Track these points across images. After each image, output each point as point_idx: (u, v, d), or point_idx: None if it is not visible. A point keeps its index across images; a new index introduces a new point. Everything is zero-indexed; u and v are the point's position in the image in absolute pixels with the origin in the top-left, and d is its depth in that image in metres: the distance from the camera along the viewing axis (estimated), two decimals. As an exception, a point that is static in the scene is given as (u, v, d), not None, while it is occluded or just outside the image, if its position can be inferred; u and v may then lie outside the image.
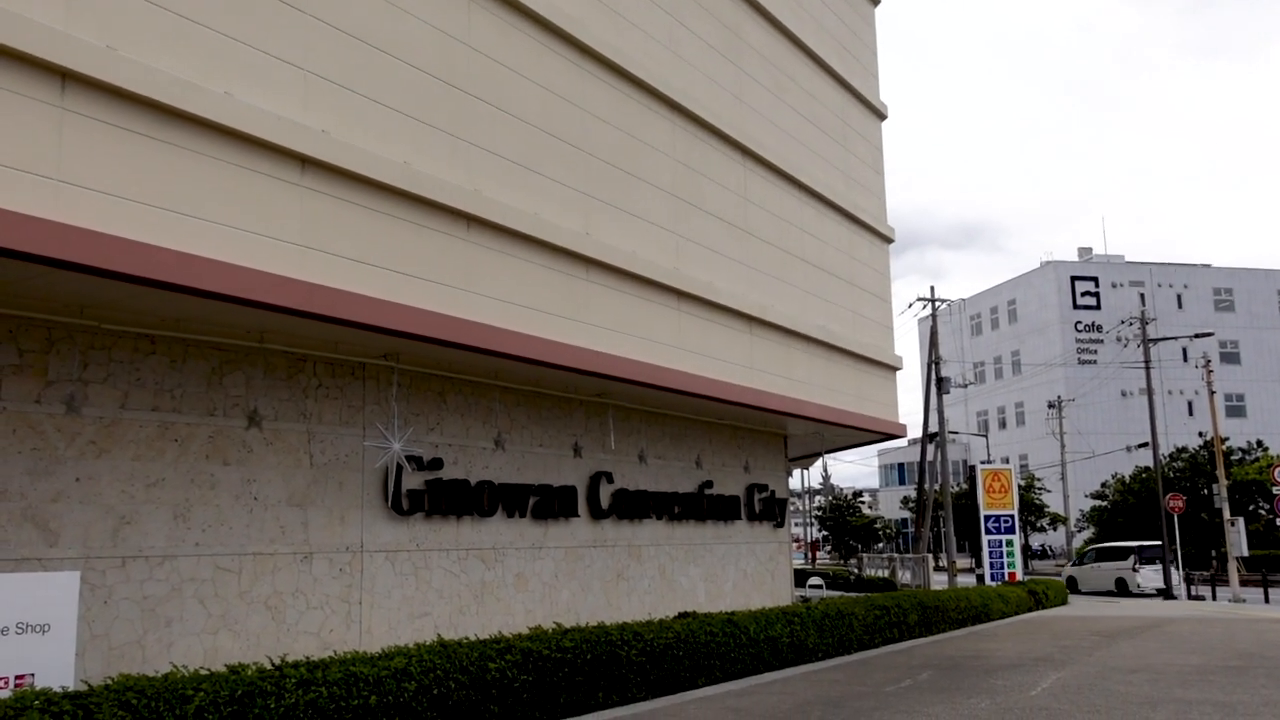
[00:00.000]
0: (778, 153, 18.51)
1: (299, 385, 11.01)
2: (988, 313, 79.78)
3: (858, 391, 20.96)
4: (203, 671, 7.57)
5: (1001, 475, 29.77)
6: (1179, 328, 62.90)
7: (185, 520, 9.76)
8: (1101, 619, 22.08)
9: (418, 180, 10.71)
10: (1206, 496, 43.91)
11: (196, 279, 8.36)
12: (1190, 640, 17.17)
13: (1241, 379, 71.09)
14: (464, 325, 11.05)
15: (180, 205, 8.48)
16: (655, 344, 14.48)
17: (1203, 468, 48.08)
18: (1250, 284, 73.92)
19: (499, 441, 13.53)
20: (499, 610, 13.19)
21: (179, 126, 8.52)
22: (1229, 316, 72.40)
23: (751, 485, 19.54)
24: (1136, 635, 18.09)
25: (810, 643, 14.13)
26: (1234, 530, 32.53)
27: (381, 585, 11.63)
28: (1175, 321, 67.67)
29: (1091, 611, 24.77)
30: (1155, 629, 19.40)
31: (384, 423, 11.81)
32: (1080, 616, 22.84)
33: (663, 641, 11.33)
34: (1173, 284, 73.05)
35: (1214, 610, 25.65)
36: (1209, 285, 73.49)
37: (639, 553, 16.13)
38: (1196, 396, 67.11)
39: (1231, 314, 72.68)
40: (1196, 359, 52.56)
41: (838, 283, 20.64)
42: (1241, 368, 71.40)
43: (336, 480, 11.26)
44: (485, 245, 11.69)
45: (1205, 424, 53.85)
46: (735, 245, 16.98)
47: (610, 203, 13.93)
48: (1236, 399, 70.50)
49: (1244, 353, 71.95)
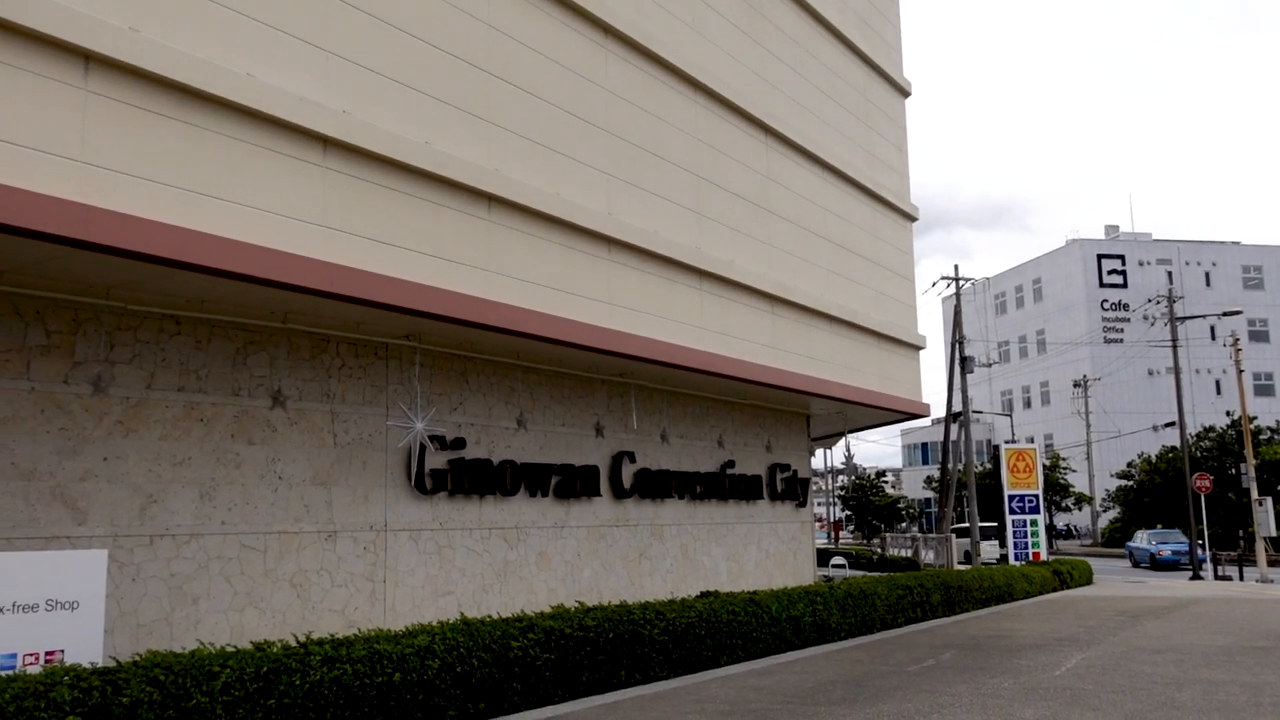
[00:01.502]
0: (800, 131, 18.38)
1: (322, 365, 11.06)
2: (1013, 291, 79.09)
3: (881, 371, 20.86)
4: (229, 648, 7.64)
5: (1026, 455, 29.59)
6: (1207, 306, 62.22)
7: (211, 499, 9.85)
8: (1127, 599, 21.96)
9: (439, 160, 10.70)
10: (1234, 476, 43.47)
11: (220, 260, 8.40)
12: (1217, 620, 17.05)
13: (1270, 357, 70.21)
14: (486, 305, 11.06)
15: (203, 186, 8.51)
16: (677, 323, 14.45)
17: (1230, 447, 47.63)
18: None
19: (521, 421, 13.56)
20: (521, 589, 13.25)
21: (201, 107, 8.55)
22: (1258, 294, 71.44)
23: (774, 465, 19.52)
24: (1162, 615, 17.98)
25: (833, 622, 14.12)
26: (1262, 510, 32.21)
27: (405, 564, 11.71)
28: (1203, 299, 66.88)
29: (1117, 592, 24.64)
30: (1181, 609, 19.28)
31: (407, 402, 11.86)
32: (1105, 596, 22.72)
33: (685, 620, 11.36)
34: (1200, 261, 72.13)
35: (1241, 590, 25.45)
36: (1238, 263, 72.50)
37: (661, 532, 16.16)
38: (1224, 375, 66.37)
39: (1261, 292, 71.71)
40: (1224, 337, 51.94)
41: (860, 261, 20.51)
42: (1271, 346, 70.49)
43: (360, 460, 11.32)
44: (507, 225, 11.68)
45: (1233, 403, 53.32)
46: (757, 224, 16.90)
47: (632, 182, 13.88)
48: (1265, 378, 69.67)
49: (1273, 331, 71.02)
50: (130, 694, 6.57)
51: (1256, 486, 33.71)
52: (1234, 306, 56.11)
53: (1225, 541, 43.40)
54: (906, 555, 34.54)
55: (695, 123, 15.47)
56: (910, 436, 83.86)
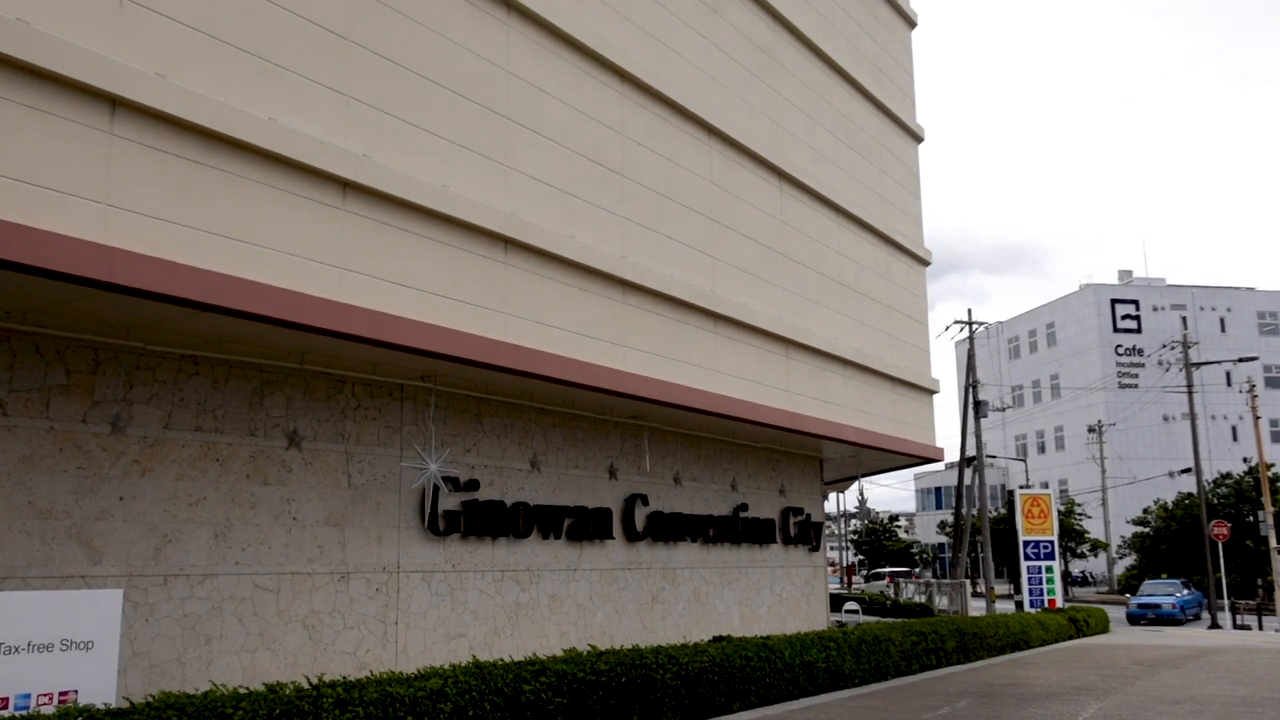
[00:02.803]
0: (813, 175, 18.51)
1: (338, 406, 11.11)
2: (1026, 336, 78.91)
3: (894, 414, 20.81)
4: (241, 690, 7.61)
5: (1041, 500, 29.38)
6: (1222, 352, 61.90)
7: (225, 539, 9.86)
8: (1144, 647, 21.68)
9: (456, 203, 10.80)
10: (1252, 523, 43.04)
11: (239, 301, 8.47)
12: (1236, 670, 16.80)
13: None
14: (501, 347, 11.11)
15: (224, 228, 8.61)
16: (691, 366, 14.47)
17: (1248, 494, 47.15)
18: (1295, 307, 72.61)
19: (535, 463, 13.56)
20: (533, 632, 13.18)
21: (224, 151, 8.67)
22: (1274, 340, 71.07)
23: (787, 508, 19.43)
24: (1180, 665, 17.74)
25: (846, 668, 13.98)
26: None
27: (417, 606, 11.66)
28: (1218, 345, 66.57)
29: (1134, 640, 24.33)
30: (1200, 659, 19.02)
31: (421, 443, 11.88)
32: (1122, 645, 22.44)
33: (697, 665, 11.27)
34: (1215, 307, 71.90)
35: (1260, 640, 25.09)
36: (1253, 308, 72.23)
37: (674, 575, 16.07)
38: (1241, 421, 65.91)
39: (1276, 338, 71.34)
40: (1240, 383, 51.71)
41: (874, 305, 20.54)
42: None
43: (374, 500, 11.33)
44: (522, 268, 11.75)
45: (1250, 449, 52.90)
46: (771, 268, 16.97)
47: (647, 226, 13.97)
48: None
49: (1289, 377, 70.61)
50: (142, 735, 6.55)
51: (1275, 534, 33.36)
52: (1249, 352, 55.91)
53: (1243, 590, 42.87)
54: (920, 601, 34.21)
55: (710, 167, 15.60)
56: (924, 480, 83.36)
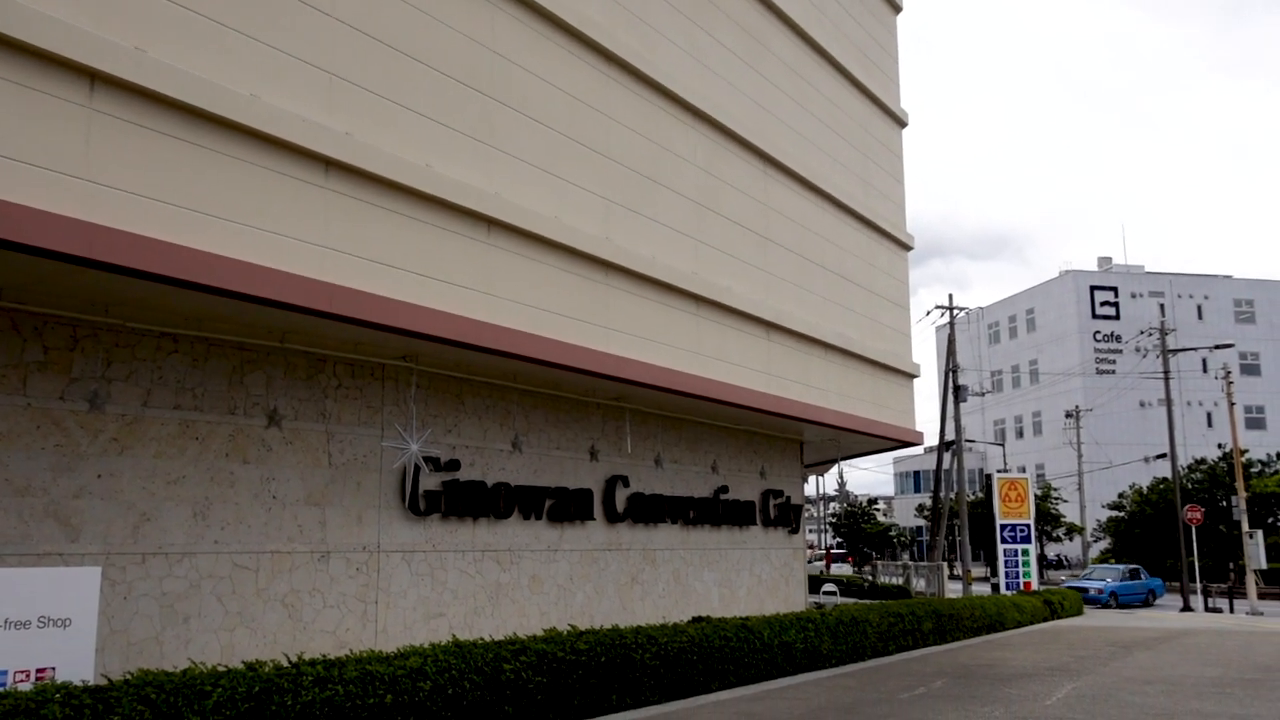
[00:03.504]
0: (798, 159, 18.50)
1: (319, 385, 11.07)
2: (1006, 321, 79.33)
3: (874, 398, 20.90)
4: (220, 668, 7.61)
5: (1018, 484, 29.62)
6: (1199, 339, 62.45)
7: (204, 518, 9.83)
8: (1118, 629, 21.93)
9: (439, 183, 10.75)
10: (1225, 509, 43.57)
11: (219, 278, 8.42)
12: (1207, 652, 17.03)
13: (1262, 391, 70.43)
14: (483, 327, 11.09)
15: (205, 206, 8.55)
16: (673, 348, 14.49)
17: (1222, 480, 47.70)
18: (1272, 295, 73.20)
19: (516, 443, 13.56)
20: (514, 612, 13.21)
21: (205, 128, 8.59)
22: (1250, 328, 71.73)
23: (767, 491, 19.51)
24: (1153, 646, 17.96)
25: (824, 649, 14.09)
26: (1252, 543, 32.26)
27: (397, 585, 11.67)
28: (1195, 332, 67.14)
29: (1107, 622, 24.60)
30: (1172, 640, 19.25)
31: (402, 423, 11.86)
32: (1096, 627, 22.68)
33: (677, 645, 11.33)
34: (1193, 295, 72.46)
35: (1231, 623, 25.43)
36: (1230, 296, 72.86)
37: (654, 557, 16.12)
38: (1216, 408, 66.52)
39: (1252, 325, 72.02)
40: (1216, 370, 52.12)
41: (856, 289, 20.59)
42: (1262, 379, 70.73)
43: (354, 480, 11.31)
44: (505, 248, 11.72)
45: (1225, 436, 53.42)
46: (754, 251, 16.98)
47: (631, 207, 13.94)
48: (1257, 411, 69.85)
49: (1265, 365, 71.29)
50: (121, 712, 6.54)
51: (1247, 519, 33.77)
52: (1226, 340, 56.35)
53: (1216, 574, 43.39)
54: (898, 583, 34.46)
55: (695, 150, 15.57)
56: (903, 464, 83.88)
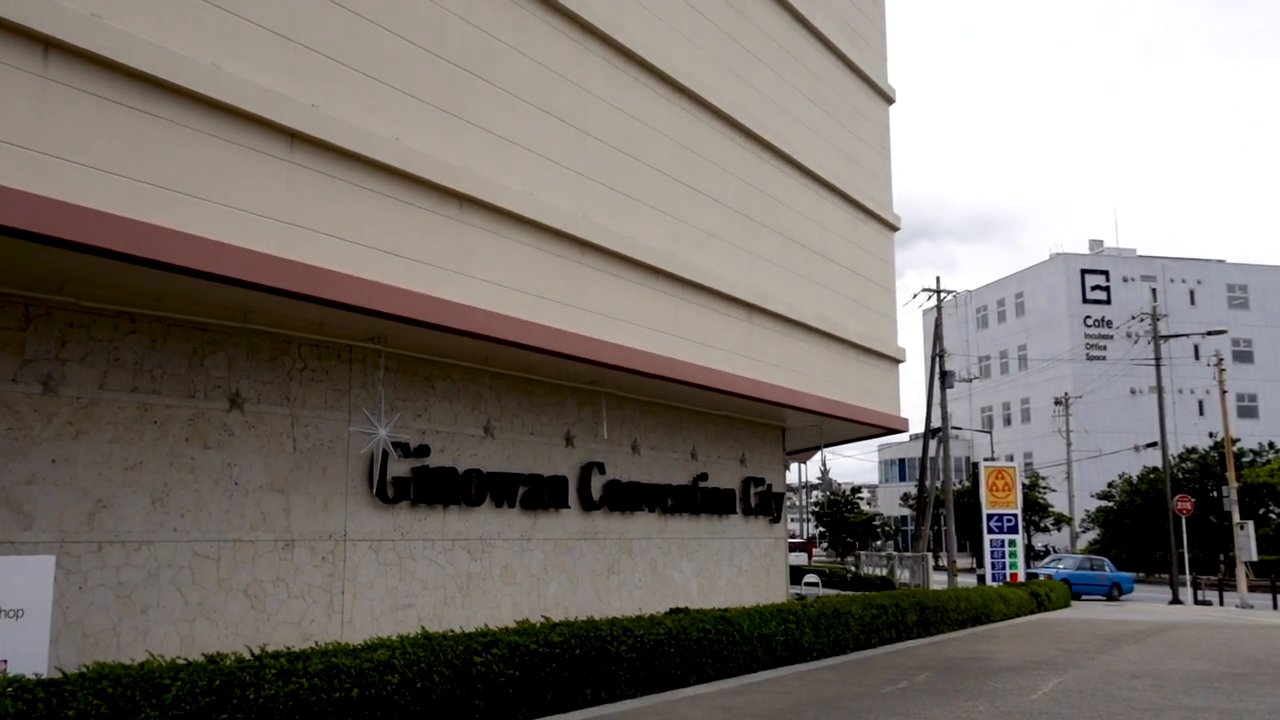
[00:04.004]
0: (781, 136, 18.52)
1: (283, 367, 11.03)
2: (994, 305, 79.80)
3: (859, 384, 21.01)
4: (180, 661, 7.59)
5: (1005, 473, 29.87)
6: (1191, 324, 63.03)
7: (164, 505, 9.79)
8: (1105, 622, 22.21)
9: (409, 157, 10.71)
10: (1216, 499, 44.08)
11: (178, 255, 8.36)
12: (1196, 646, 17.28)
13: (1254, 379, 71.24)
14: (454, 308, 11.07)
15: (163, 179, 8.48)
16: (651, 331, 14.51)
17: (1212, 469, 48.28)
18: (1265, 281, 73.97)
19: (488, 429, 13.56)
20: (485, 603, 13.24)
21: (164, 98, 8.52)
22: (1243, 314, 72.49)
23: (747, 479, 19.60)
24: (1141, 640, 18.20)
25: (805, 641, 14.20)
26: (1243, 534, 32.67)
27: (364, 575, 11.67)
28: (1187, 318, 67.79)
29: (1095, 615, 24.91)
30: (1160, 634, 19.52)
31: (370, 407, 11.84)
32: (1083, 620, 22.96)
33: (653, 637, 11.39)
34: (1185, 279, 73.12)
35: (1221, 616, 25.80)
36: (1223, 281, 73.56)
37: (630, 546, 16.18)
38: (1208, 396, 67.31)
39: (1246, 311, 72.78)
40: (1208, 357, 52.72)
41: (840, 271, 20.67)
42: (1255, 367, 71.51)
43: (320, 466, 11.29)
44: (478, 226, 11.69)
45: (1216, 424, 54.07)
46: (735, 230, 17.00)
47: (608, 185, 13.93)
48: (1249, 399, 70.66)
49: (1258, 352, 72.07)
50: (76, 707, 6.53)
51: (1238, 510, 34.19)
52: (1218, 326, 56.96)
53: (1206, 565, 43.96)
54: (882, 574, 34.74)
55: (674, 125, 15.55)
56: (887, 452, 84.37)
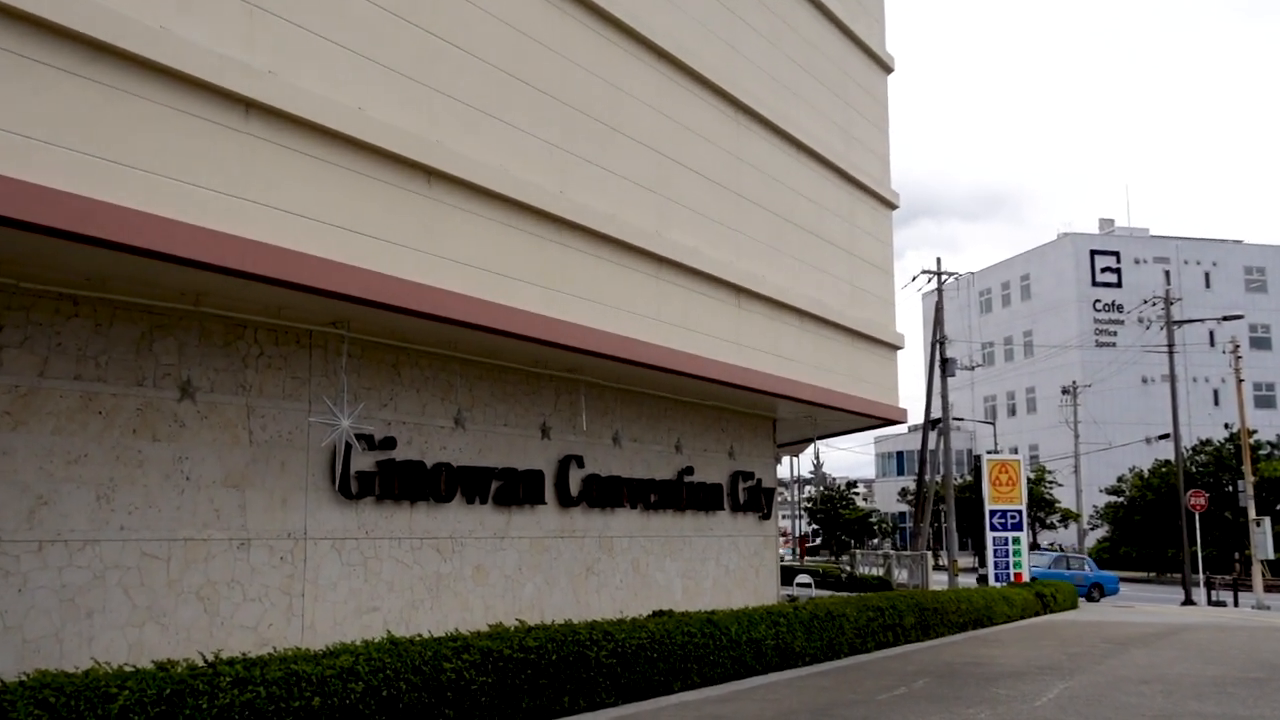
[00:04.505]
0: (772, 107, 18.51)
1: (237, 354, 10.98)
2: (998, 288, 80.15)
3: (854, 372, 21.08)
4: (128, 668, 7.58)
5: (1009, 467, 30.06)
6: (1206, 309, 63.46)
7: (109, 501, 9.75)
8: (1114, 625, 22.41)
9: (373, 128, 10.65)
10: (1231, 494, 44.47)
11: (125, 234, 8.30)
12: (1209, 649, 17.46)
13: (1272, 366, 71.84)
14: (422, 290, 11.04)
15: (109, 152, 8.41)
16: (633, 315, 14.51)
17: (1228, 462, 48.71)
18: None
19: (459, 420, 13.55)
20: (456, 605, 13.25)
21: (107, 63, 8.44)
22: (1261, 298, 73.05)
23: (736, 473, 19.66)
24: (1151, 643, 18.38)
25: (797, 646, 14.28)
26: (1259, 531, 32.98)
27: (326, 576, 11.66)
28: (1202, 302, 68.25)
29: (1103, 617, 25.12)
30: (1171, 636, 19.71)
31: (332, 397, 11.80)
32: (1091, 622, 23.16)
33: (635, 642, 11.43)
34: (1200, 261, 73.59)
35: (1235, 617, 26.07)
36: (1240, 263, 74.08)
37: (611, 544, 16.22)
38: (1223, 385, 67.78)
39: (1264, 295, 73.34)
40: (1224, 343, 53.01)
41: (835, 251, 20.71)
42: (1273, 354, 72.12)
43: (278, 460, 11.26)
44: (447, 202, 11.66)
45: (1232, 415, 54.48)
46: (723, 208, 17.01)
47: (587, 159, 13.90)
48: (1266, 388, 71.29)
49: (1276, 338, 72.67)
50: (16, 718, 6.50)
51: (1254, 505, 34.51)
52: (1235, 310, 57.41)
53: (1220, 564, 44.37)
54: (878, 574, 34.94)
55: (659, 95, 15.53)
56: (884, 445, 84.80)
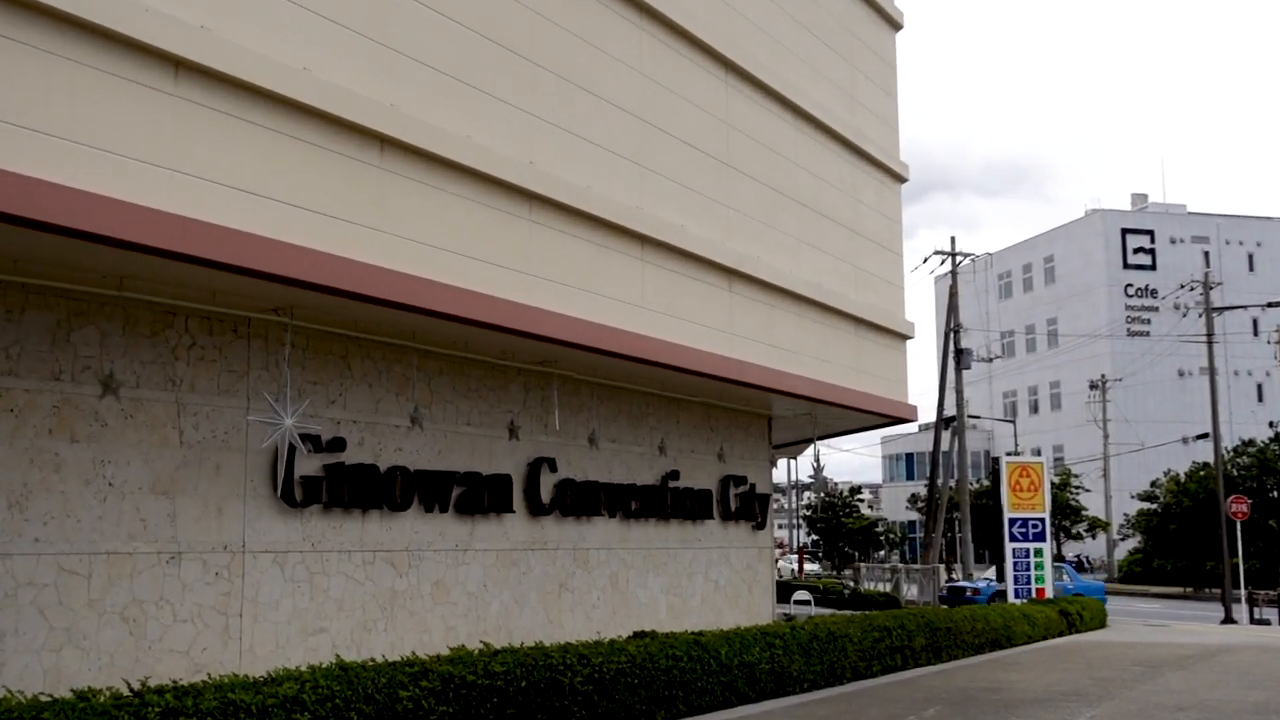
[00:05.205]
0: (768, 68, 18.51)
1: (167, 344, 10.93)
2: (1019, 271, 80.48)
3: (858, 364, 21.13)
4: (44, 698, 7.54)
5: (1031, 470, 30.17)
6: (1250, 294, 63.82)
7: (22, 510, 9.70)
8: (1147, 645, 22.53)
9: (319, 91, 10.60)
10: (1277, 500, 44.80)
11: (37, 208, 8.23)
12: (1251, 672, 17.58)
13: (1323, 358, 72.26)
14: (375, 273, 11.01)
15: (17, 116, 8.34)
16: (612, 301, 14.51)
17: (1273, 465, 49.00)
18: (1337, 243, 75.04)
19: (416, 418, 13.52)
20: (413, 626, 13.24)
21: (17, 16, 8.37)
22: (1311, 282, 73.49)
23: (726, 477, 19.69)
24: (1188, 666, 18.49)
25: (795, 670, 14.32)
26: (1307, 541, 33.19)
27: (267, 594, 11.62)
28: (1245, 286, 68.62)
29: (1135, 637, 25.27)
30: (1210, 658, 19.84)
31: (273, 392, 11.76)
32: (1122, 643, 23.29)
33: (614, 666, 11.44)
34: (1243, 241, 74.04)
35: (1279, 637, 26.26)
36: (1287, 243, 74.52)
37: (587, 557, 16.22)
38: (1268, 378, 68.28)
39: (1314, 279, 73.79)
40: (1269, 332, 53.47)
41: (838, 230, 20.74)
42: (1323, 344, 72.56)
43: (213, 463, 11.21)
44: (403, 174, 11.62)
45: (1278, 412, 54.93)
46: (713, 181, 17.00)
47: (560, 126, 13.87)
48: (1316, 382, 71.77)
49: (1327, 326, 73.12)
50: (-84, 753, 6.47)
51: (1302, 512, 34.75)
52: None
53: (1264, 578, 44.66)
54: (885, 590, 35.08)
55: (641, 55, 15.51)
56: (892, 446, 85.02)
